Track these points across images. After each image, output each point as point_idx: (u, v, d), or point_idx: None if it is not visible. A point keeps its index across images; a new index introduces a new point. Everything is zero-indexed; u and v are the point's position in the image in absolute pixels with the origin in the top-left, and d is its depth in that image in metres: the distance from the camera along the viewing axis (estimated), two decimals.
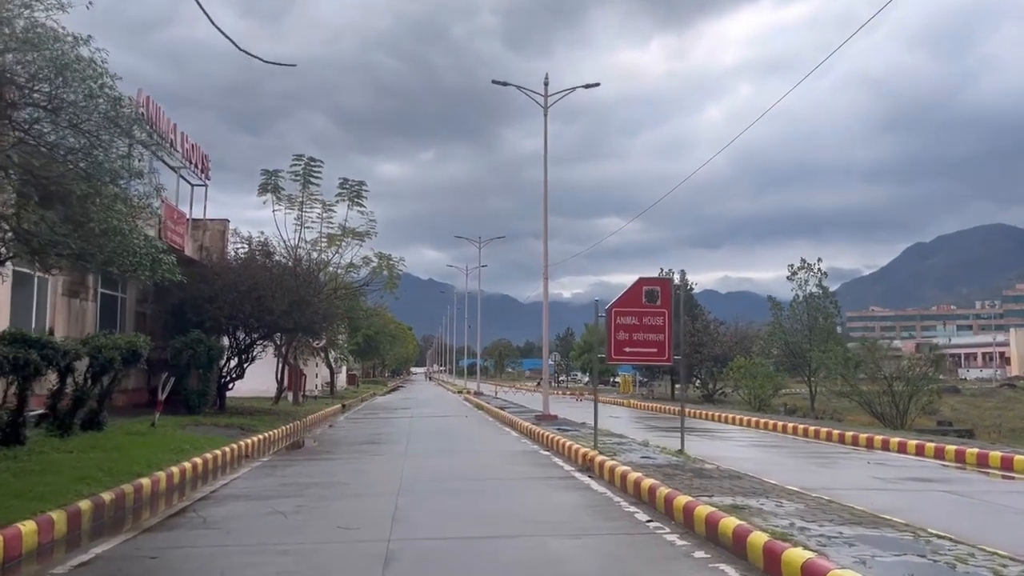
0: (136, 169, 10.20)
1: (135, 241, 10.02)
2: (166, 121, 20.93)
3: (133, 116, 9.90)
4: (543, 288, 24.42)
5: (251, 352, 25.34)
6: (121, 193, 9.68)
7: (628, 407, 41.63)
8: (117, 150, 9.76)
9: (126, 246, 9.93)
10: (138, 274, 10.81)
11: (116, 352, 14.26)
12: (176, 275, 11.99)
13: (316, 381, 46.62)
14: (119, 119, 9.87)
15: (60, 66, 8.71)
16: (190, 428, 17.98)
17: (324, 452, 17.67)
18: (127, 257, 10.07)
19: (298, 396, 33.83)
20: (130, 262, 10.14)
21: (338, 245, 29.56)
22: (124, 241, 9.77)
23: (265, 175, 28.42)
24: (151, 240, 10.76)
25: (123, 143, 9.85)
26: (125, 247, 9.93)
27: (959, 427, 30.51)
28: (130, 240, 9.87)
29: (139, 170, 10.35)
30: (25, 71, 9.47)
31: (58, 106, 9.48)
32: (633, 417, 31.50)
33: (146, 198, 11.01)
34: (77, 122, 9.46)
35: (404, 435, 21.78)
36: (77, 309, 20.66)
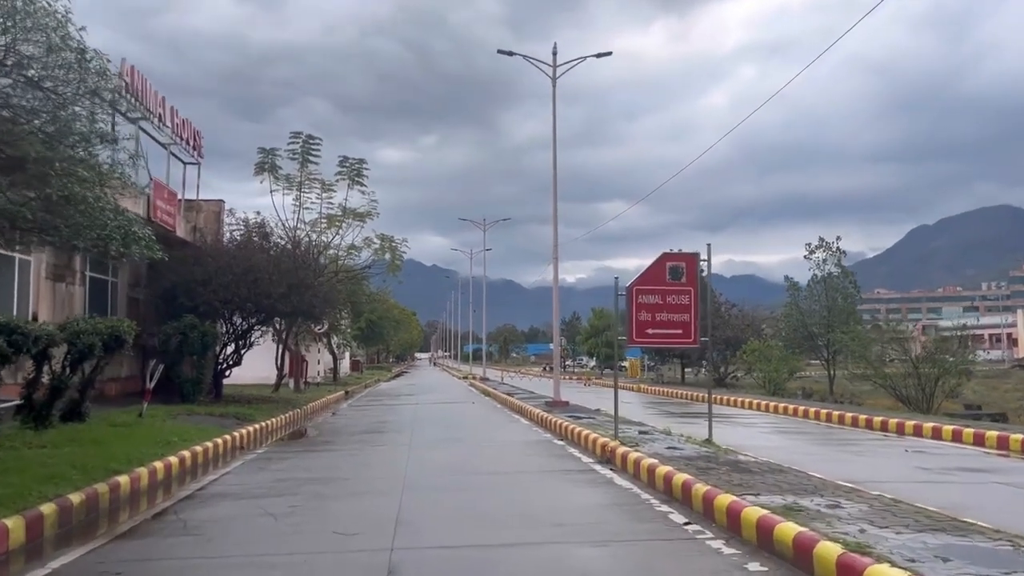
0: (102, 132, 9.08)
1: (102, 212, 8.92)
2: (153, 94, 19.77)
3: (100, 70, 8.77)
4: (553, 269, 23.33)
5: (249, 338, 24.30)
6: (83, 157, 8.57)
7: (637, 392, 40.62)
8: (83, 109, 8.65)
9: (92, 217, 8.82)
10: (109, 250, 9.74)
11: (96, 338, 13.21)
12: (155, 251, 10.90)
13: (319, 367, 45.65)
14: (86, 75, 8.75)
15: (7, 11, 7.59)
16: (181, 418, 16.96)
17: (324, 443, 16.66)
18: (93, 230, 8.97)
19: (299, 383, 32.85)
20: (97, 235, 9.05)
21: (338, 226, 28.48)
22: (89, 211, 8.67)
23: (262, 154, 27.31)
24: (121, 211, 9.65)
25: (88, 102, 8.74)
26: (91, 219, 8.83)
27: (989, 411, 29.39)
28: (96, 210, 8.76)
29: (106, 133, 9.23)
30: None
31: (17, 62, 8.37)
32: (644, 402, 30.47)
33: (120, 166, 9.90)
34: (38, 79, 8.36)
35: (409, 423, 20.77)
36: (63, 294, 19.61)
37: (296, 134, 27.32)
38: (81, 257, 20.59)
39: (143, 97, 18.96)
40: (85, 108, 8.66)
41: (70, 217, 8.64)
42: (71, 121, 8.31)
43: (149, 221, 19.64)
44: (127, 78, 17.77)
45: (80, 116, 8.73)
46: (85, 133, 8.70)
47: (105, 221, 8.92)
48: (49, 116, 8.37)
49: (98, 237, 9.05)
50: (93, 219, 8.78)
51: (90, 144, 8.80)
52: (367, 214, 29.08)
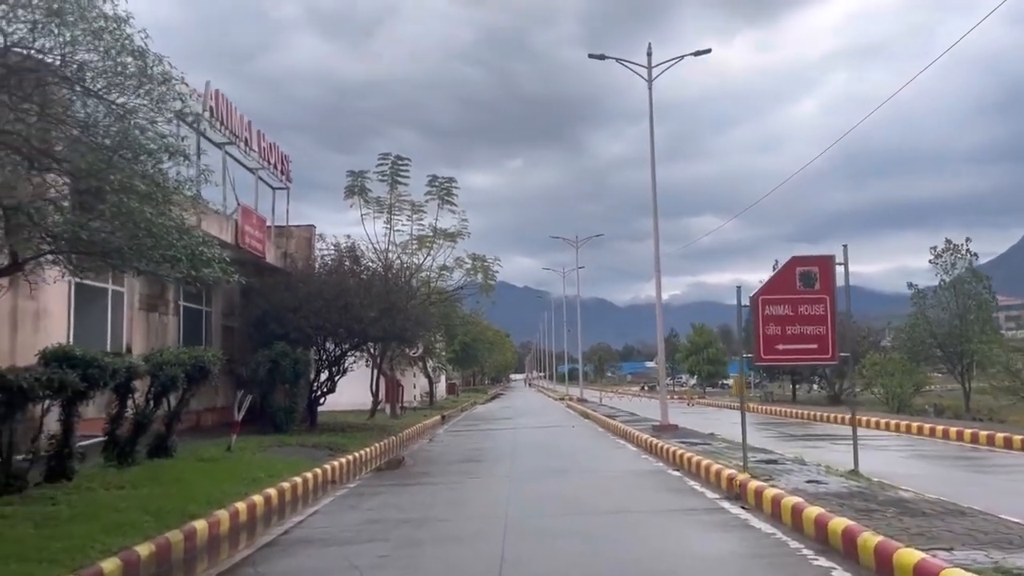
0: (168, 144, 8.28)
1: (166, 231, 8.09)
2: (239, 118, 19.43)
3: (164, 77, 7.99)
4: (655, 284, 21.80)
5: (342, 364, 23.68)
6: (146, 171, 7.77)
7: (748, 412, 38.35)
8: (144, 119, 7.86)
9: (157, 237, 8.01)
10: (174, 272, 8.94)
11: (179, 369, 12.57)
12: (230, 274, 10.08)
13: (415, 392, 45.13)
14: (150, 83, 7.98)
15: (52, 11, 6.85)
16: (272, 450, 16.25)
17: (419, 474, 15.62)
18: (157, 251, 8.16)
19: (395, 408, 32.19)
20: (161, 255, 8.25)
21: (429, 247, 27.72)
22: (150, 229, 7.85)
23: (351, 176, 26.87)
24: (187, 230, 8.83)
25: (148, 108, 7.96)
26: (157, 239, 8.02)
27: None
28: (158, 228, 7.94)
29: (171, 144, 8.43)
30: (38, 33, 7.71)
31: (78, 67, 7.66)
32: (757, 424, 28.40)
33: (189, 183, 9.11)
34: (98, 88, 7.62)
35: (507, 451, 19.58)
36: (156, 324, 19.37)
37: (385, 155, 26.81)
38: (174, 287, 20.34)
39: (229, 121, 18.60)
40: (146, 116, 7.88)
41: (133, 237, 7.86)
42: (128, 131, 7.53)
43: (237, 247, 19.24)
44: (212, 102, 17.41)
45: (142, 127, 7.95)
46: (148, 147, 7.90)
47: (171, 241, 8.13)
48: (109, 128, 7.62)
49: (162, 258, 8.27)
50: (158, 239, 7.98)
51: (153, 157, 8.02)
52: (458, 234, 28.28)
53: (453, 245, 28.81)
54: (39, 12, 7.47)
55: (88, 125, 7.69)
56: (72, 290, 16.02)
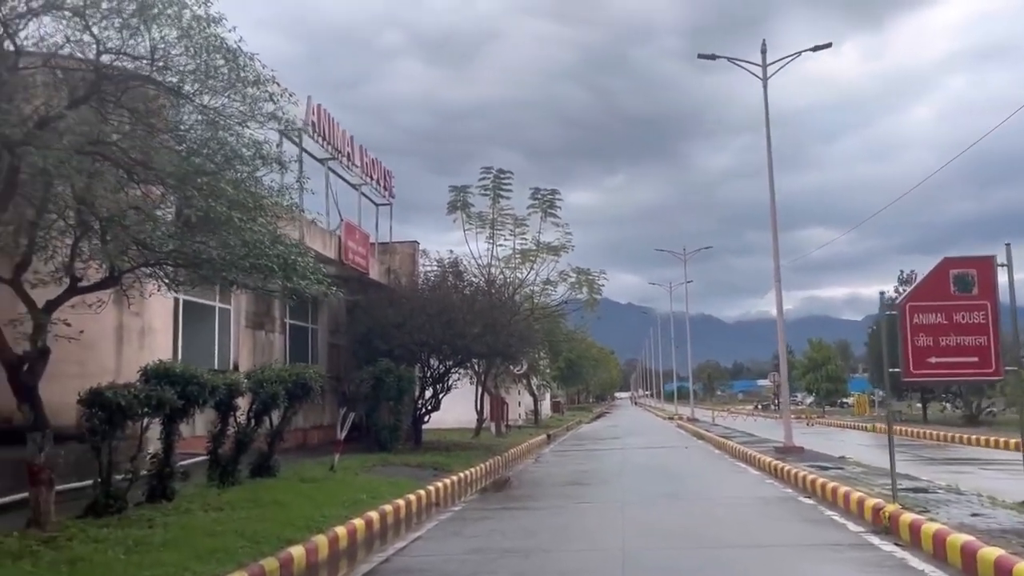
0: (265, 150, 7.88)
1: (255, 237, 7.65)
2: (341, 133, 19.33)
3: (256, 78, 7.60)
4: (775, 293, 20.37)
5: (446, 381, 23.26)
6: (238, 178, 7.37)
7: (873, 432, 35.87)
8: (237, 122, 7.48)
9: (247, 244, 7.58)
10: (267, 283, 8.53)
11: (280, 386, 12.26)
12: (327, 285, 9.60)
13: (519, 410, 44.51)
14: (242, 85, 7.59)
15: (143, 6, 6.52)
16: (376, 470, 15.83)
17: (525, 497, 14.85)
18: (247, 259, 7.72)
19: (500, 427, 31.59)
20: (251, 264, 7.81)
21: (532, 261, 27.03)
22: (241, 235, 7.42)
23: (453, 192, 26.53)
24: (279, 237, 8.39)
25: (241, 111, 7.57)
26: (248, 246, 7.59)
27: None
28: (248, 234, 7.50)
29: (270, 153, 8.03)
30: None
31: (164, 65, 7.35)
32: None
33: (286, 191, 8.69)
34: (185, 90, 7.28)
35: (617, 473, 18.59)
36: (263, 342, 19.40)
37: (487, 169, 26.34)
38: (280, 304, 20.42)
39: (331, 136, 18.51)
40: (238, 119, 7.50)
41: (224, 246, 7.46)
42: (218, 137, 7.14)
43: (341, 263, 19.10)
44: (314, 117, 17.33)
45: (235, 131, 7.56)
46: (241, 152, 7.51)
47: (263, 250, 7.70)
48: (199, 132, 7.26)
49: (253, 268, 7.84)
50: (250, 247, 7.56)
51: (246, 164, 7.62)
52: (561, 247, 27.45)
53: (556, 259, 28.02)
54: (127, 13, 7.19)
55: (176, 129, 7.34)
56: (180, 307, 16.15)
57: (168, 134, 7.28)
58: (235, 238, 7.40)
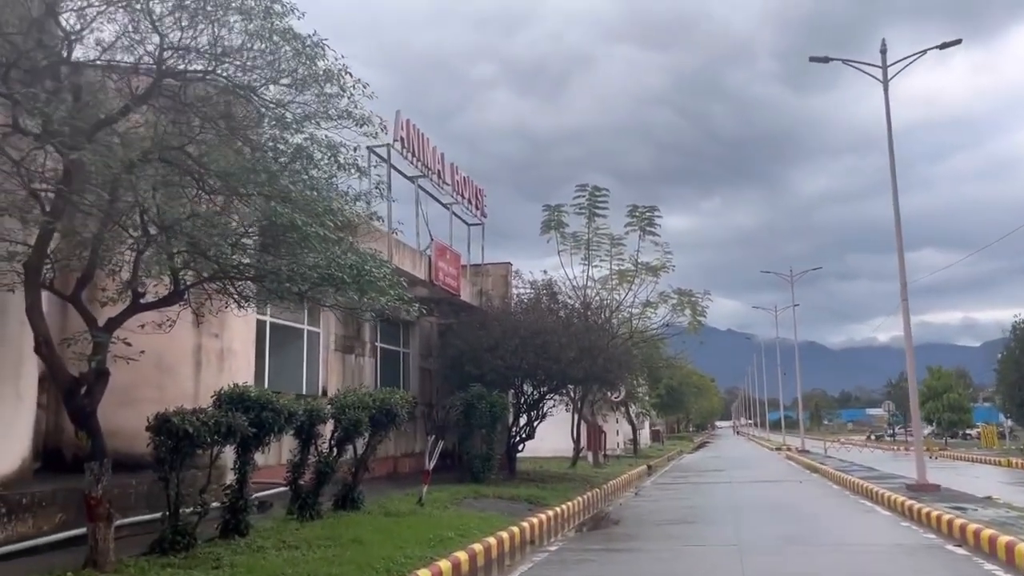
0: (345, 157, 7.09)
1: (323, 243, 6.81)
2: (431, 150, 18.70)
3: (327, 73, 6.82)
4: (903, 312, 18.40)
5: (541, 408, 22.17)
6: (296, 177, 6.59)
7: (1008, 467, 32.74)
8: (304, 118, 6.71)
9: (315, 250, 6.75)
10: (339, 296, 7.69)
11: (363, 412, 11.45)
12: (406, 300, 8.72)
13: (618, 439, 42.90)
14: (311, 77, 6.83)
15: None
16: (467, 503, 14.86)
17: (628, 537, 13.55)
18: (316, 270, 6.89)
19: (598, 456, 30.23)
20: (320, 275, 6.97)
21: (630, 282, 25.78)
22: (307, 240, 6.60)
23: (547, 211, 25.63)
24: (350, 244, 7.54)
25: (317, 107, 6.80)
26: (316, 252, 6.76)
27: None
28: (315, 240, 6.67)
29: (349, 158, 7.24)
30: None
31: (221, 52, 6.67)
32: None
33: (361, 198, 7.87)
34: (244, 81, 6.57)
35: (728, 510, 17.04)
36: (353, 365, 18.85)
37: (582, 187, 25.38)
38: (371, 327, 19.86)
39: (421, 153, 17.89)
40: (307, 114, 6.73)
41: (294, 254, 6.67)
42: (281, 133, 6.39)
43: (431, 284, 18.39)
44: (403, 132, 16.74)
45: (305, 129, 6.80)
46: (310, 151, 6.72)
47: (331, 257, 6.88)
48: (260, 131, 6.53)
49: (320, 278, 7.02)
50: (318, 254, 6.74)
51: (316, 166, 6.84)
52: (661, 267, 26.12)
53: (656, 280, 26.68)
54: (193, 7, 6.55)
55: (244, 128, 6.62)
56: (267, 330, 15.72)
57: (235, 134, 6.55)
58: (302, 246, 6.60)
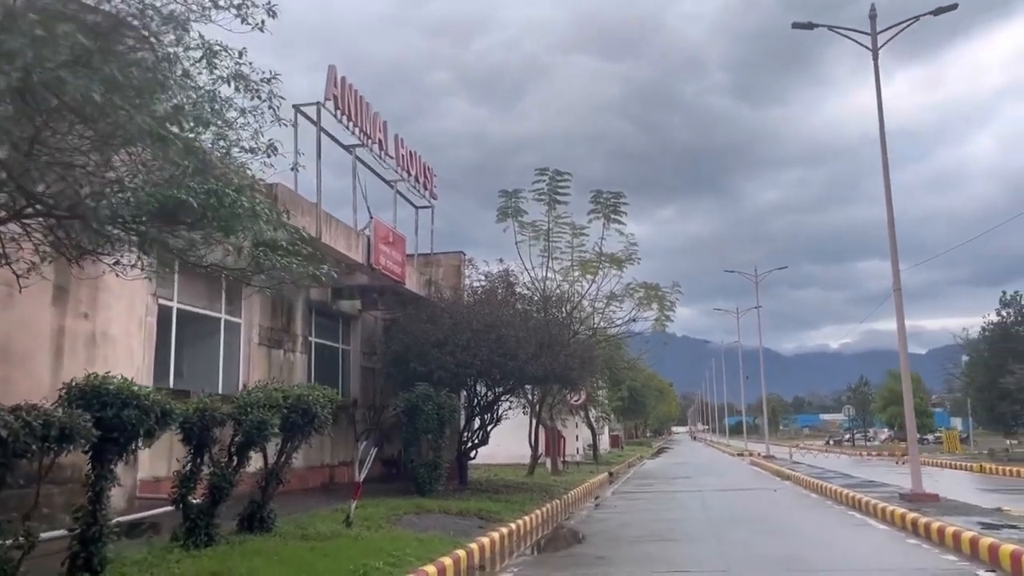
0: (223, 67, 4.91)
1: (160, 147, 4.60)
2: (372, 116, 16.42)
3: None
4: (896, 312, 16.64)
5: (496, 410, 20.06)
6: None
7: (981, 473, 31.47)
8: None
9: (161, 161, 4.54)
10: (193, 234, 5.47)
11: (270, 412, 9.21)
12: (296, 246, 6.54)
13: (577, 444, 40.95)
14: None
15: None
16: (406, 520, 12.66)
17: (596, 559, 11.48)
18: (144, 193, 4.67)
19: (557, 463, 28.19)
20: (158, 203, 4.74)
21: (593, 274, 23.84)
22: (126, 141, 4.41)
23: (504, 197, 23.55)
24: (200, 149, 5.27)
25: None
26: (164, 169, 4.55)
27: None
28: (141, 138, 4.46)
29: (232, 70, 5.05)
30: None
31: None
32: (1018, 490, 22.19)
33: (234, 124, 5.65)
34: None
35: (705, 524, 15.12)
36: (281, 362, 16.54)
37: (542, 171, 23.33)
38: (303, 319, 17.59)
39: (359, 118, 15.62)
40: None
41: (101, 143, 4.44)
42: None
43: (371, 269, 16.18)
44: (336, 90, 14.47)
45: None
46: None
47: (178, 179, 4.67)
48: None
49: (163, 207, 4.77)
50: (174, 179, 4.55)
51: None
52: (626, 259, 24.23)
53: (620, 274, 24.79)
54: None
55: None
56: (174, 317, 13.39)
57: None
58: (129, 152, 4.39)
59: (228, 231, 5.32)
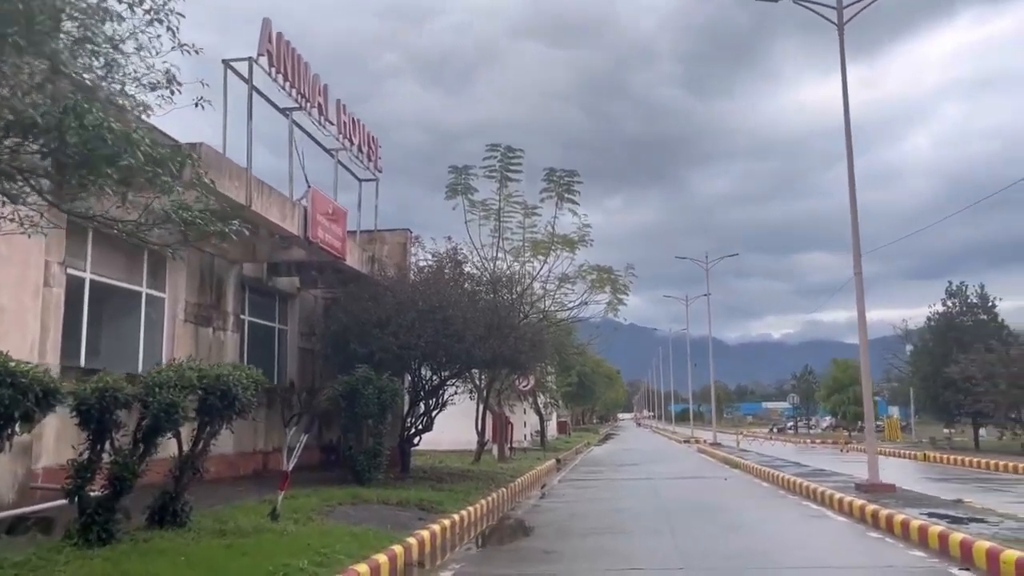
0: None
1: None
2: (312, 78, 15.25)
3: None
4: (856, 287, 16.22)
5: (441, 395, 19.14)
6: None
7: (925, 461, 31.65)
8: None
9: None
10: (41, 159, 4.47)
11: (182, 394, 8.16)
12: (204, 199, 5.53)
13: (525, 430, 40.29)
14: None
15: None
16: (340, 512, 11.70)
17: (545, 553, 10.69)
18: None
19: (504, 450, 27.42)
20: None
21: (544, 254, 23.03)
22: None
23: (454, 173, 22.57)
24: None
25: None
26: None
27: None
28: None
29: None
30: None
31: None
32: (964, 479, 22.13)
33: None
34: None
35: (657, 514, 14.47)
36: (210, 341, 15.36)
37: (494, 146, 22.43)
38: (236, 296, 16.40)
39: (296, 79, 14.45)
40: None
41: None
42: None
43: (308, 242, 15.07)
44: (271, 46, 13.29)
45: None
46: None
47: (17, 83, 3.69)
48: None
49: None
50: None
51: None
52: (579, 241, 23.48)
53: (572, 256, 24.03)
54: None
55: None
56: (87, 289, 12.15)
57: None
58: None
59: (94, 166, 4.25)
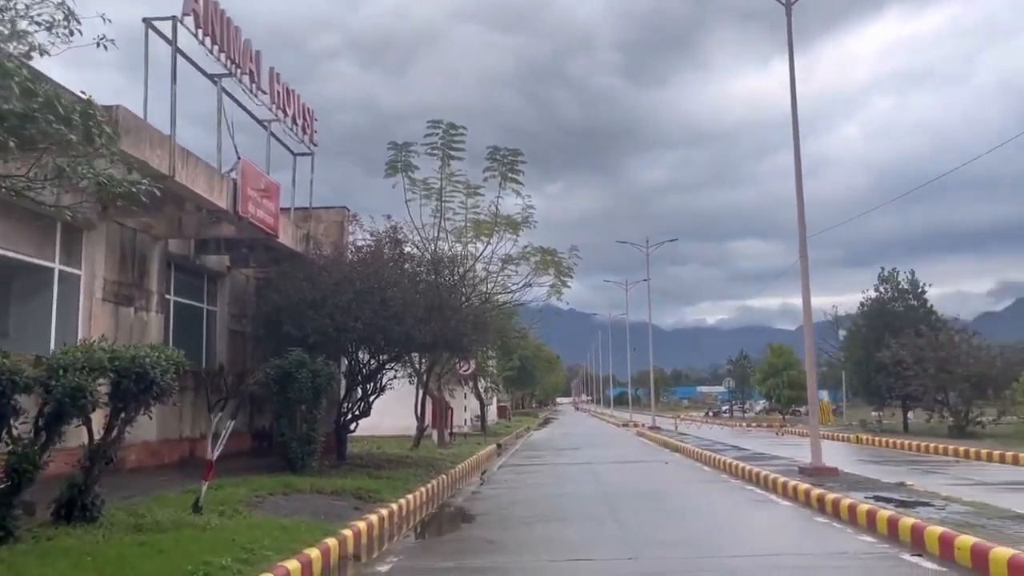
0: None
1: None
2: (243, 43, 14.31)
3: None
4: (801, 268, 16.11)
5: (379, 379, 18.48)
6: None
7: (858, 444, 32.28)
8: None
9: None
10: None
11: (91, 377, 7.40)
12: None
13: (465, 415, 39.81)
14: None
15: None
16: (270, 503, 11.03)
17: (486, 543, 10.22)
18: None
19: (444, 435, 26.92)
20: None
21: (487, 235, 22.48)
22: None
23: (393, 150, 21.78)
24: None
25: None
26: None
27: None
28: None
29: None
30: None
31: None
32: (898, 461, 22.46)
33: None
34: None
35: (599, 501, 14.14)
36: (131, 321, 14.41)
37: (435, 123, 21.68)
38: (160, 273, 15.44)
39: (226, 43, 13.53)
40: None
41: None
42: None
43: (237, 218, 14.21)
44: (198, 6, 12.36)
45: None
46: None
47: None
48: None
49: None
50: None
51: None
52: (523, 222, 22.98)
53: (516, 238, 23.51)
54: None
55: None
56: None
57: None
58: None
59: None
